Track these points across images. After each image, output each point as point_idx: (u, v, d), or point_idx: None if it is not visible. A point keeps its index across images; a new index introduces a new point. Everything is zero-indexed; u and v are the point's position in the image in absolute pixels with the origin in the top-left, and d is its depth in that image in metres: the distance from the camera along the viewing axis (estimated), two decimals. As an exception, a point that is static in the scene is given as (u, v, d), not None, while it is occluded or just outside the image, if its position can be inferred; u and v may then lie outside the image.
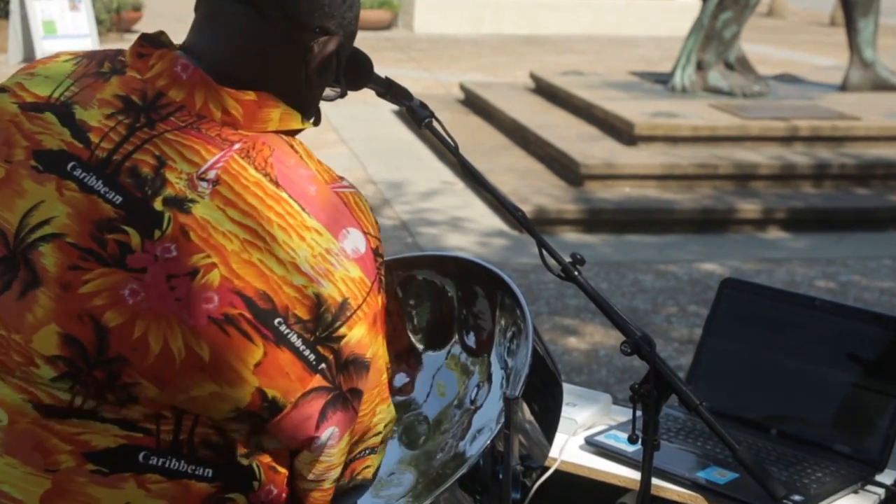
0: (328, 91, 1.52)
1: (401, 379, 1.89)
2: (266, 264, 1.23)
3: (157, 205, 1.24)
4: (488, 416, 1.76)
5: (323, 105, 1.51)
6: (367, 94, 1.83)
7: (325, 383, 1.28)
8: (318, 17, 1.37)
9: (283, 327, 1.24)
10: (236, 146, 1.28)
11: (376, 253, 1.31)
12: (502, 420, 1.54)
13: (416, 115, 1.72)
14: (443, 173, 8.77)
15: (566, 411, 2.08)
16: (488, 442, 1.56)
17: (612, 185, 7.91)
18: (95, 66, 1.36)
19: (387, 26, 18.46)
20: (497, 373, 1.79)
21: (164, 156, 1.26)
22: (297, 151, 1.32)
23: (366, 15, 16.92)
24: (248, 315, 1.23)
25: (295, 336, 1.24)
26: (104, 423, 1.27)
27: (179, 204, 1.24)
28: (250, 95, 1.32)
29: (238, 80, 1.32)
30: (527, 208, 7.08)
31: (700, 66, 9.79)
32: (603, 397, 2.25)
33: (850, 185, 8.18)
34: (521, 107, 10.20)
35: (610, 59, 14.97)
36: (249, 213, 1.24)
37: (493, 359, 1.81)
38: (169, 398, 1.25)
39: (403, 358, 1.90)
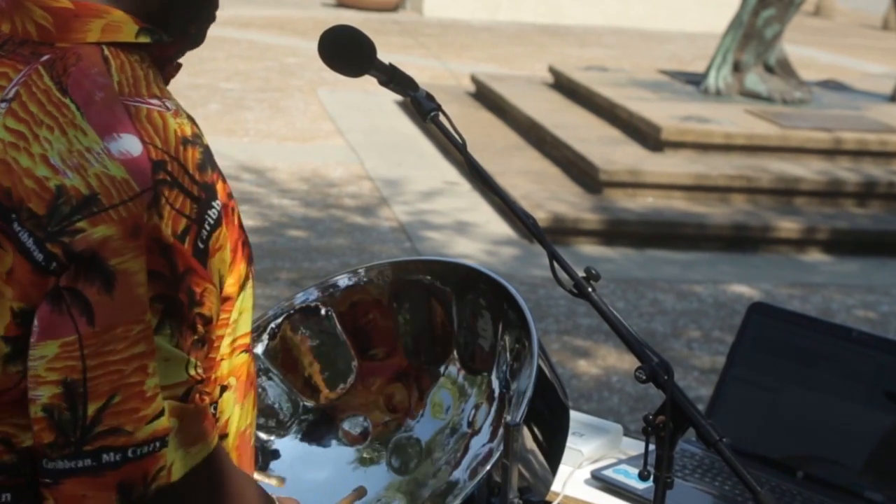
0: None
1: (392, 396, 1.89)
2: (17, 161, 1.26)
3: None
4: (486, 442, 1.76)
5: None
6: (368, 82, 1.84)
7: (54, 282, 1.25)
8: None
9: (15, 225, 1.25)
10: (43, 58, 1.33)
11: (158, 165, 1.28)
12: (501, 448, 1.54)
13: (421, 107, 1.72)
14: (448, 172, 8.78)
15: (572, 441, 2.08)
16: (485, 471, 1.56)
17: (635, 195, 7.92)
18: None
19: (393, 8, 18.49)
20: (498, 395, 1.79)
21: None
22: (108, 64, 1.33)
23: (371, -6, 16.98)
24: None
25: (26, 235, 1.24)
26: None
27: None
28: (63, 3, 1.34)
29: None
30: (539, 215, 7.09)
31: (737, 68, 9.80)
32: (613, 428, 2.25)
33: (898, 206, 8.20)
34: (537, 103, 10.21)
35: (637, 55, 14.99)
36: (24, 118, 1.28)
37: (494, 379, 1.81)
38: None
39: (395, 373, 1.90)
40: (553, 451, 1.70)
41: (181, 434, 1.27)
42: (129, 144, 1.28)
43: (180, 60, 1.46)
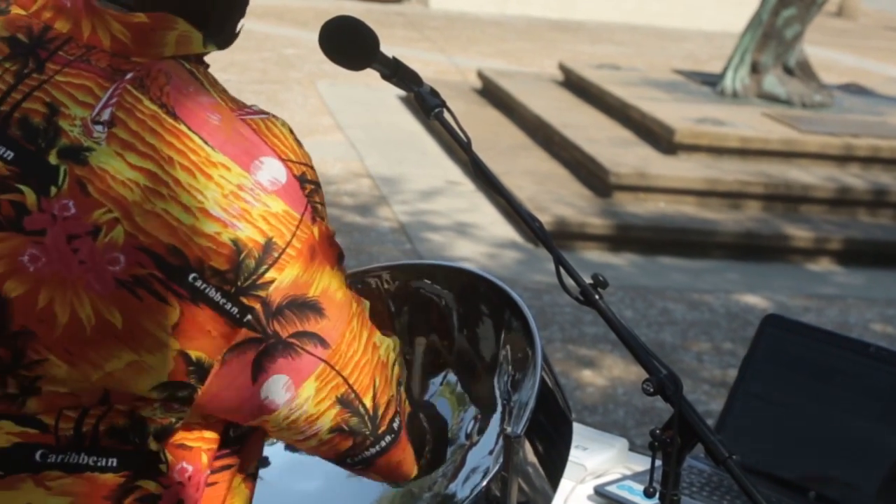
0: None
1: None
2: (172, 214, 1.24)
3: (52, 158, 1.25)
4: (485, 454, 1.76)
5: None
6: (370, 76, 1.83)
7: (253, 335, 1.28)
8: None
9: (198, 283, 1.25)
10: (128, 76, 1.29)
11: (303, 180, 1.31)
12: (500, 461, 1.54)
13: (424, 102, 1.72)
14: (451, 172, 8.78)
15: (575, 455, 2.08)
16: (483, 485, 1.55)
17: (645, 199, 7.92)
18: None
19: (398, -1, 18.50)
20: (498, 405, 1.79)
21: (56, 102, 1.28)
22: (197, 79, 1.32)
23: (375, -16, 16.99)
24: (158, 274, 1.24)
25: (213, 290, 1.25)
26: None
27: (75, 154, 1.25)
28: (140, 17, 1.32)
29: (126, 1, 1.33)
30: (545, 218, 7.09)
31: (755, 69, 9.80)
32: (618, 442, 2.25)
33: (919, 217, 8.20)
34: (546, 101, 10.21)
35: (652, 54, 14.99)
36: (148, 154, 1.25)
37: (495, 388, 1.81)
38: (82, 376, 1.26)
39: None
40: (555, 465, 1.70)
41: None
42: (275, 170, 1.29)
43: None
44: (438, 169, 8.85)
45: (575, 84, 10.99)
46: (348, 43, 1.68)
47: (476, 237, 7.31)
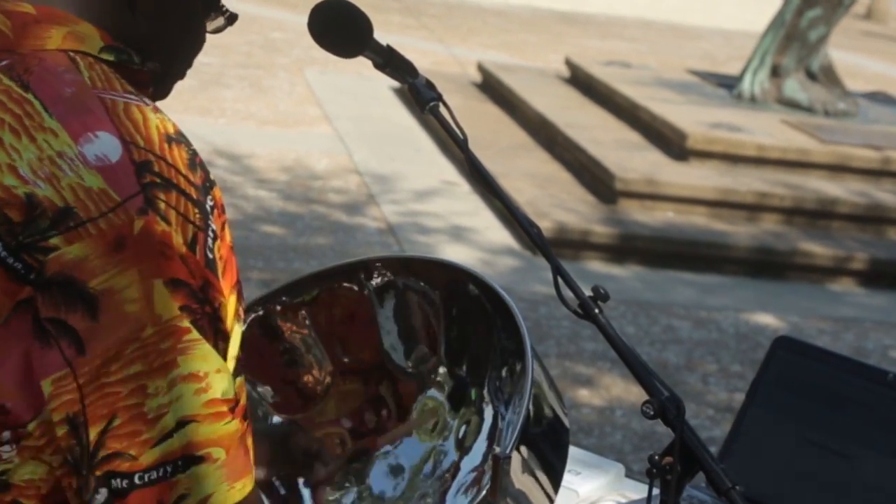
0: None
1: (370, 411, 1.89)
2: None
3: None
4: (475, 467, 1.76)
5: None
6: (362, 64, 1.84)
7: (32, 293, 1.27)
8: None
9: None
10: (2, 63, 1.34)
11: (143, 168, 1.29)
12: (488, 482, 1.54)
13: (419, 95, 1.72)
14: (446, 171, 8.79)
15: (567, 480, 2.08)
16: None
17: (653, 207, 7.93)
18: None
19: (395, -17, 18.50)
20: (488, 417, 1.80)
21: None
22: (76, 65, 1.35)
23: (371, -34, 17.00)
24: None
25: None
26: None
27: None
28: (25, 7, 1.36)
29: None
30: (545, 224, 7.10)
31: (776, 72, 9.82)
32: (614, 467, 2.25)
33: (946, 237, 8.22)
34: (549, 99, 10.23)
35: (666, 52, 15.02)
36: None
37: (486, 397, 1.81)
38: None
39: (374, 384, 1.90)
40: (546, 489, 1.70)
41: (227, 466, 1.28)
42: (107, 146, 1.29)
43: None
44: (432, 167, 8.86)
45: (581, 81, 11.00)
46: (340, 28, 1.68)
47: (470, 242, 7.31)
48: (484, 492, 1.55)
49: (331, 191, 8.12)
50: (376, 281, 1.90)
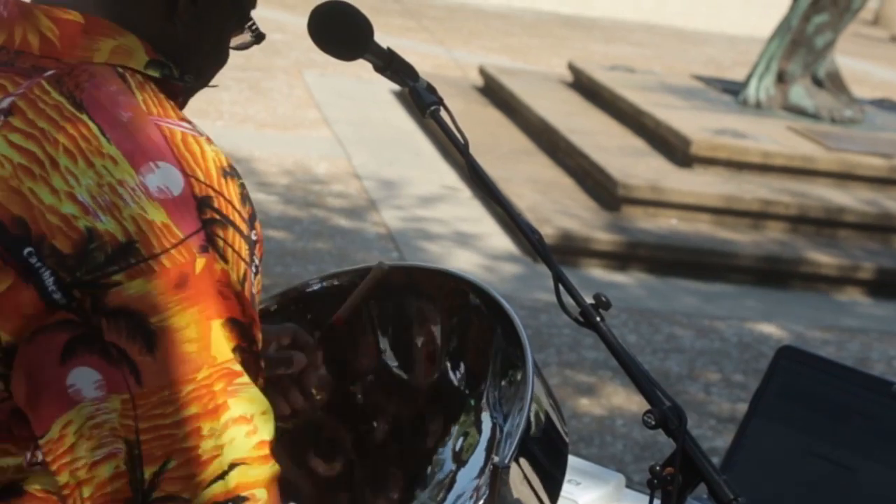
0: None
1: (368, 424, 1.89)
2: (36, 193, 1.26)
3: None
4: (470, 480, 1.76)
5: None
6: (362, 67, 1.84)
7: (71, 317, 1.27)
8: None
9: (33, 258, 1.25)
10: (48, 73, 1.33)
11: (204, 203, 1.30)
12: (486, 492, 1.54)
13: (420, 99, 1.72)
14: (446, 176, 8.79)
15: (567, 490, 2.08)
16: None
17: (657, 214, 7.93)
18: None
19: (397, -15, 18.51)
20: (486, 428, 1.80)
21: None
22: (126, 83, 1.35)
23: (372, -32, 17.00)
24: None
25: (47, 273, 1.25)
26: None
27: None
28: (72, 15, 1.36)
29: (74, 3, 1.37)
30: (547, 231, 7.10)
31: (781, 78, 9.83)
32: (615, 477, 2.25)
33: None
34: (552, 104, 10.23)
35: (670, 57, 15.02)
36: (34, 136, 1.28)
37: (484, 407, 1.81)
38: None
39: (374, 394, 1.90)
40: (544, 499, 1.70)
41: None
42: (170, 178, 1.29)
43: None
44: (433, 172, 8.86)
45: (585, 86, 11.00)
46: (339, 30, 1.68)
47: (471, 248, 7.31)
48: (481, 502, 1.55)
49: (329, 195, 8.12)
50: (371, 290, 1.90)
